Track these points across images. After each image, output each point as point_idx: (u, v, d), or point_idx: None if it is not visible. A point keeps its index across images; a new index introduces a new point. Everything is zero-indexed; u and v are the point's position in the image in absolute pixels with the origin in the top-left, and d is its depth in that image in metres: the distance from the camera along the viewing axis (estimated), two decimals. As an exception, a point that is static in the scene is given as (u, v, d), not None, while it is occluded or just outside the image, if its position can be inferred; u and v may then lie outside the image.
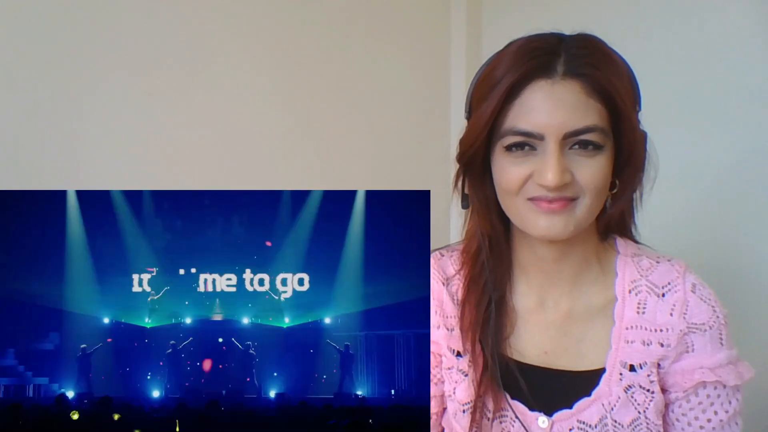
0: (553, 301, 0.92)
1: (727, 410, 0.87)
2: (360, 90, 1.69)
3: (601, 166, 0.81)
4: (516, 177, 0.82)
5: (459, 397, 0.94)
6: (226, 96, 1.44)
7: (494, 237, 0.92)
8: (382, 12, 1.74)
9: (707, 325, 0.86)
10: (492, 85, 0.82)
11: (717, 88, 1.42)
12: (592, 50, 0.81)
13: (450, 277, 0.98)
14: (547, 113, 0.79)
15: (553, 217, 0.82)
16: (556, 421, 0.89)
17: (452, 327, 0.96)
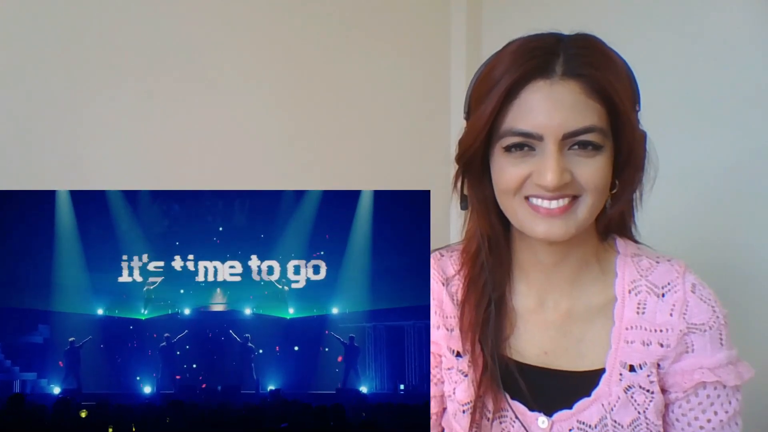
0: (552, 301, 0.92)
1: (726, 410, 0.87)
2: (360, 90, 1.69)
3: (600, 166, 0.80)
4: (515, 177, 0.82)
5: (459, 398, 0.94)
6: (226, 96, 1.44)
7: (493, 238, 0.92)
8: (382, 12, 1.74)
9: (707, 325, 0.86)
10: (491, 85, 0.81)
11: (717, 88, 1.42)
12: (591, 50, 0.81)
13: (450, 278, 0.98)
14: (546, 114, 0.78)
15: (552, 220, 0.81)
16: (556, 422, 0.89)
17: (452, 327, 0.96)
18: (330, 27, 1.62)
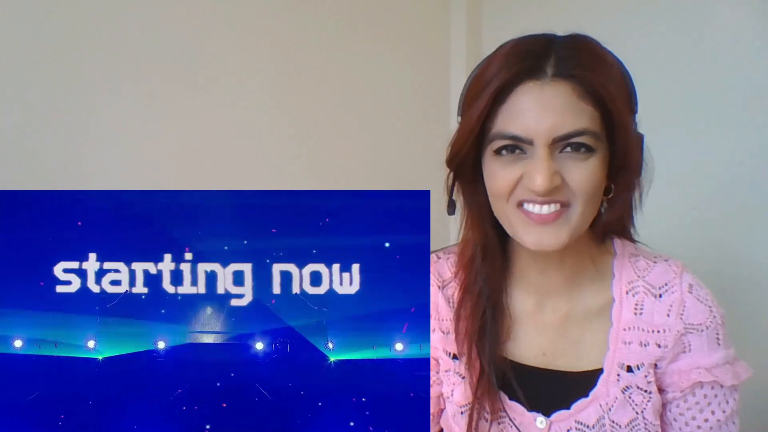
0: (550, 303, 0.92)
1: (724, 410, 0.87)
2: (360, 90, 1.69)
3: (593, 169, 0.79)
4: (505, 180, 0.81)
5: (457, 400, 0.95)
6: (225, 96, 1.44)
7: (488, 245, 0.91)
8: (382, 12, 1.74)
9: (704, 326, 0.86)
10: (481, 87, 0.80)
11: (717, 89, 1.42)
12: (583, 51, 0.79)
13: (446, 281, 0.98)
14: (536, 117, 0.77)
15: (544, 228, 0.80)
16: (554, 422, 0.90)
17: (448, 330, 0.96)
18: (330, 27, 1.63)
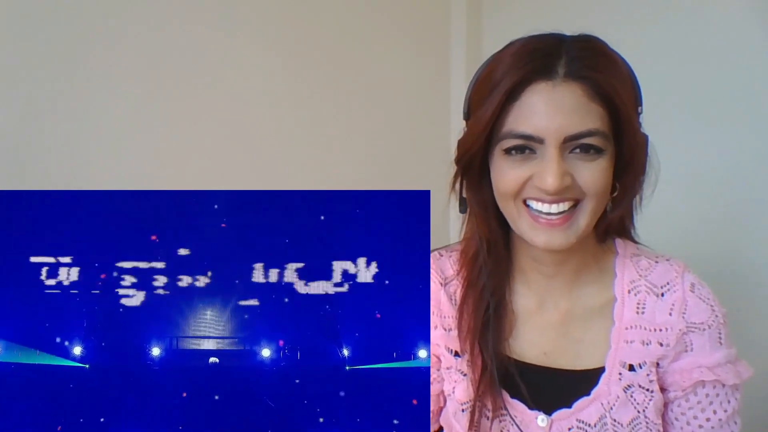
0: (552, 302, 0.92)
1: (726, 409, 0.87)
2: (360, 90, 1.69)
3: (601, 169, 0.79)
4: (514, 180, 0.81)
5: (458, 397, 0.95)
6: (225, 97, 1.44)
7: (492, 241, 0.91)
8: (382, 12, 1.75)
9: (706, 325, 0.86)
10: (491, 86, 0.80)
11: (717, 89, 1.42)
12: (594, 52, 0.80)
13: (448, 278, 0.98)
14: (547, 116, 0.77)
15: (552, 231, 0.81)
16: (556, 420, 0.90)
17: (449, 327, 0.96)
18: (330, 27, 1.63)
